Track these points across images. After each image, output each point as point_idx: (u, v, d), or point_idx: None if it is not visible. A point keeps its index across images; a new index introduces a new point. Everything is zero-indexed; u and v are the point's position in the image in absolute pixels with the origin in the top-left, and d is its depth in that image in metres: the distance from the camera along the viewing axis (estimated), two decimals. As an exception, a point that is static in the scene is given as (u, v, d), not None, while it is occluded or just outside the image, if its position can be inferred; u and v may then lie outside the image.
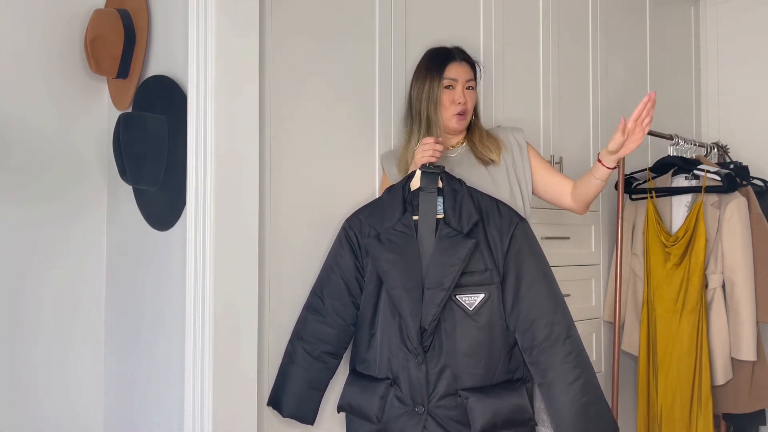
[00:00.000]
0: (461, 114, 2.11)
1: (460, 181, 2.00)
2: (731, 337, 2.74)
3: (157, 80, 2.09)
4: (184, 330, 1.90)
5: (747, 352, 2.70)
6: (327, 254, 2.04)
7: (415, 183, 1.99)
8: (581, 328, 2.85)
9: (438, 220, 1.94)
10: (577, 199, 2.15)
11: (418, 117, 2.12)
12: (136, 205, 2.17)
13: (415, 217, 1.95)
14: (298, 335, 1.99)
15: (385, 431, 1.91)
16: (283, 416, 1.95)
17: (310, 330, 1.98)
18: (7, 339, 2.15)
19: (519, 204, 2.17)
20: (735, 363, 2.75)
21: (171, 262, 2.03)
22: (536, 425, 1.96)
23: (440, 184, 1.97)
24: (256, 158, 1.91)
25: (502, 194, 2.12)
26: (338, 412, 2.02)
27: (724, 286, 2.77)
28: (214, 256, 1.83)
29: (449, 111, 2.11)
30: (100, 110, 2.34)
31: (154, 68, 2.14)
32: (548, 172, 2.21)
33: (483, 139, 2.17)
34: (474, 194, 1.98)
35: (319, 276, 2.03)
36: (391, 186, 2.05)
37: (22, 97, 2.19)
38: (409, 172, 2.07)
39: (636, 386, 3.01)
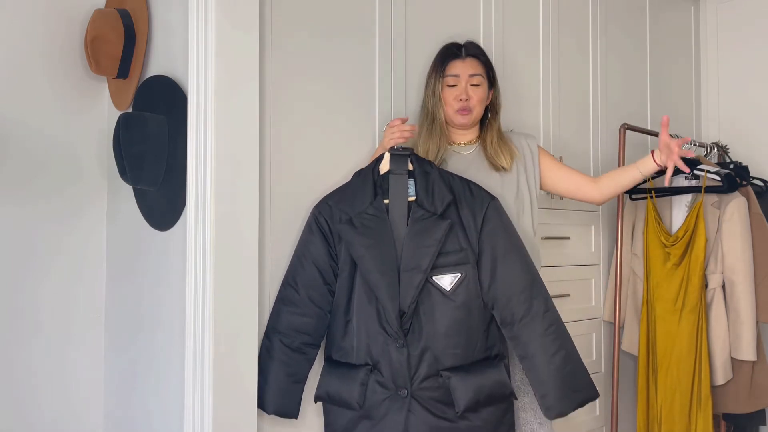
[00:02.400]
0: (464, 110, 2.11)
1: (430, 162, 2.01)
2: (731, 337, 2.74)
3: (157, 80, 2.09)
4: (184, 330, 1.90)
5: (747, 352, 2.70)
6: (297, 242, 2.00)
7: (384, 166, 1.98)
8: (581, 328, 2.87)
9: (410, 202, 1.94)
10: (605, 189, 2.21)
11: (426, 113, 2.17)
12: (136, 205, 2.17)
13: (386, 201, 1.95)
14: (274, 329, 1.95)
15: (367, 417, 1.90)
16: (268, 413, 1.92)
17: (286, 322, 1.94)
18: (7, 339, 2.15)
19: (527, 210, 2.18)
20: (735, 363, 2.75)
21: (171, 262, 2.03)
22: (515, 398, 1.99)
23: (410, 167, 1.96)
24: (256, 158, 1.91)
25: (508, 200, 2.12)
26: (315, 402, 2.00)
27: (724, 286, 2.77)
28: (214, 256, 1.83)
29: (452, 107, 2.12)
30: (100, 110, 2.34)
31: (154, 68, 2.14)
32: (562, 168, 2.25)
33: (496, 143, 2.16)
34: (445, 175, 1.98)
35: (290, 265, 1.98)
36: (360, 170, 2.03)
37: (22, 97, 2.19)
38: (377, 155, 2.07)
39: (636, 386, 3.01)
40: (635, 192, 2.99)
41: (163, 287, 2.07)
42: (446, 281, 1.90)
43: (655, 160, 2.14)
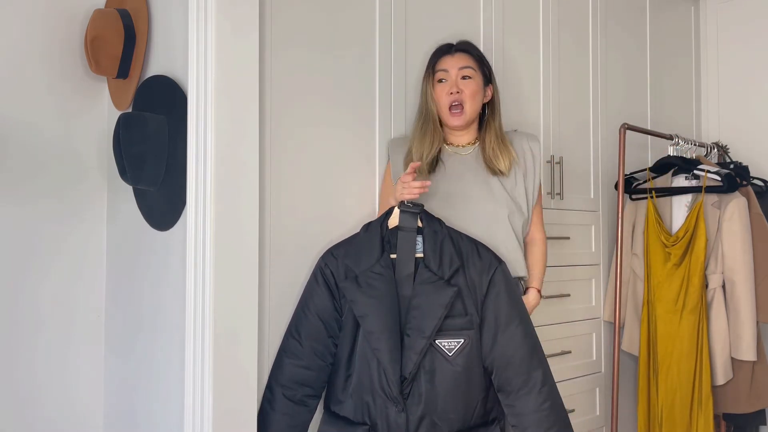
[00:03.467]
0: (456, 105, 2.08)
1: (439, 221, 1.99)
2: (731, 337, 2.74)
3: (157, 80, 2.09)
4: (184, 330, 1.90)
5: (747, 352, 2.70)
6: (302, 292, 2.00)
7: (393, 221, 1.97)
8: (581, 328, 2.87)
9: (417, 259, 1.93)
10: (526, 246, 2.22)
11: (420, 114, 2.16)
12: (136, 205, 2.17)
13: (393, 256, 1.93)
14: (276, 381, 1.94)
15: None
16: None
17: (288, 375, 1.93)
18: (7, 339, 2.15)
19: (524, 214, 2.16)
20: (735, 363, 2.75)
21: (171, 262, 2.03)
22: None
23: (420, 224, 1.95)
24: (256, 158, 1.91)
25: (499, 206, 2.11)
26: None
27: (724, 286, 2.77)
28: (214, 256, 1.83)
29: (444, 105, 2.10)
30: (100, 110, 2.34)
31: (154, 68, 2.14)
32: (537, 213, 2.24)
33: (495, 145, 2.13)
34: (454, 236, 1.97)
35: (294, 315, 1.98)
36: (369, 223, 2.02)
37: (22, 97, 2.19)
38: (383, 205, 2.09)
39: (636, 386, 3.01)
40: (635, 192, 2.99)
41: (163, 287, 2.07)
42: (449, 346, 1.88)
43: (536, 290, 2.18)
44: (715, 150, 3.27)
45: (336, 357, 1.95)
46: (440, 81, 2.11)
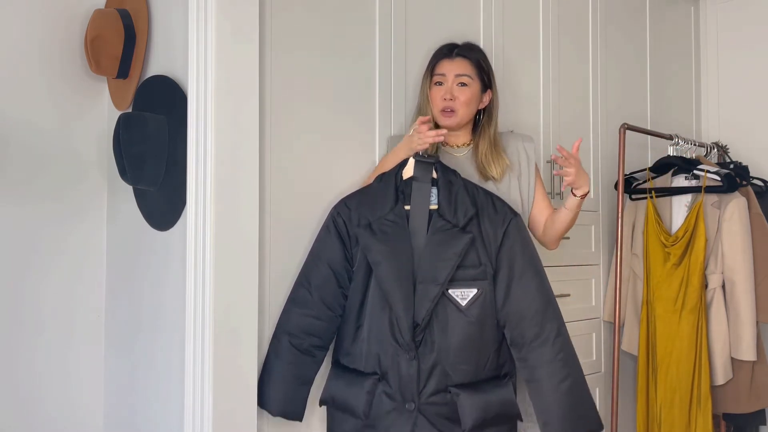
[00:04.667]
0: (448, 110, 2.08)
1: (455, 172, 1.98)
2: (731, 337, 2.74)
3: (157, 80, 2.09)
4: (184, 330, 1.90)
5: (747, 352, 2.70)
6: (314, 241, 1.98)
7: (408, 171, 1.96)
8: (581, 328, 2.86)
9: (431, 211, 1.91)
10: (547, 231, 2.15)
11: (417, 112, 2.17)
12: (136, 205, 2.17)
13: (407, 207, 1.92)
14: (284, 329, 1.92)
15: (371, 427, 1.87)
16: (273, 415, 1.91)
17: (296, 323, 1.92)
18: (7, 339, 2.15)
19: (525, 213, 2.15)
20: (735, 363, 2.75)
21: (171, 262, 2.03)
22: (521, 419, 1.96)
23: (435, 175, 1.94)
24: (256, 158, 1.91)
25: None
26: (320, 405, 1.98)
27: (724, 286, 2.77)
28: (214, 256, 1.83)
29: (438, 107, 2.10)
30: (100, 110, 2.34)
31: (154, 68, 2.14)
32: (540, 198, 2.18)
33: (488, 152, 2.11)
34: (470, 187, 1.96)
35: (305, 265, 1.96)
36: (383, 174, 2.01)
37: (22, 97, 2.19)
38: (389, 159, 2.06)
39: (635, 386, 3.01)
40: (635, 192, 2.99)
41: (163, 287, 2.07)
42: (462, 296, 1.86)
43: (573, 194, 2.05)
44: (715, 150, 3.27)
45: (346, 308, 1.93)
46: (437, 84, 2.12)
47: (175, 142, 1.99)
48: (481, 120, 2.17)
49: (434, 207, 1.92)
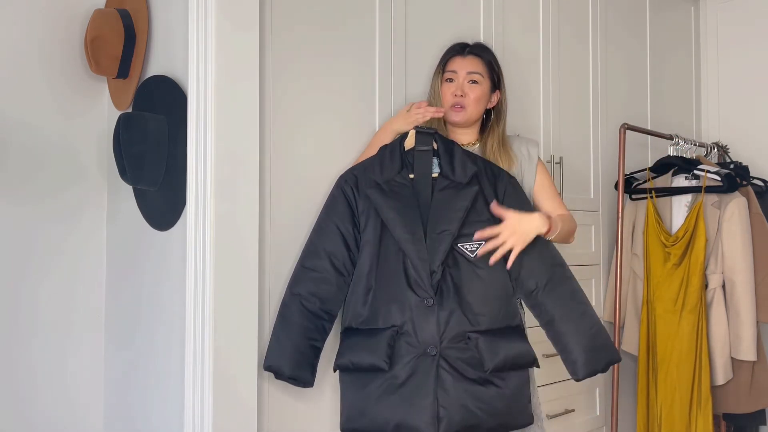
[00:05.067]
0: (458, 106, 2.12)
1: (453, 141, 2.08)
2: (731, 337, 2.74)
3: (157, 80, 2.09)
4: (184, 330, 1.90)
5: (747, 352, 2.70)
6: (319, 211, 2.01)
7: (410, 142, 2.03)
8: (581, 328, 2.86)
9: (434, 179, 2.00)
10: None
11: None
12: (136, 205, 2.17)
13: (411, 176, 2.00)
14: (295, 292, 1.93)
15: (396, 378, 1.87)
16: (284, 377, 1.88)
17: (307, 287, 1.93)
18: (7, 339, 2.15)
19: None
20: (735, 363, 2.75)
21: (171, 262, 2.03)
22: (538, 366, 2.00)
23: (435, 146, 2.03)
24: (256, 158, 1.91)
25: None
26: (335, 371, 1.98)
27: (724, 286, 2.77)
28: (214, 256, 1.83)
29: (448, 103, 2.13)
30: (100, 110, 2.34)
31: (154, 68, 2.14)
32: (543, 194, 2.18)
33: (495, 149, 2.15)
34: (469, 153, 2.06)
35: (314, 230, 1.99)
36: (386, 144, 2.07)
37: (22, 97, 2.19)
38: (377, 139, 2.12)
39: (636, 386, 3.01)
40: (635, 192, 2.99)
41: (163, 287, 2.07)
42: (471, 248, 1.93)
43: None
44: (715, 150, 3.27)
45: (355, 273, 1.97)
46: (448, 80, 2.15)
47: (175, 142, 1.99)
48: (491, 120, 2.21)
49: (436, 175, 2.01)
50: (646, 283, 2.89)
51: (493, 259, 1.92)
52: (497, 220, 1.94)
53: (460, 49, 2.18)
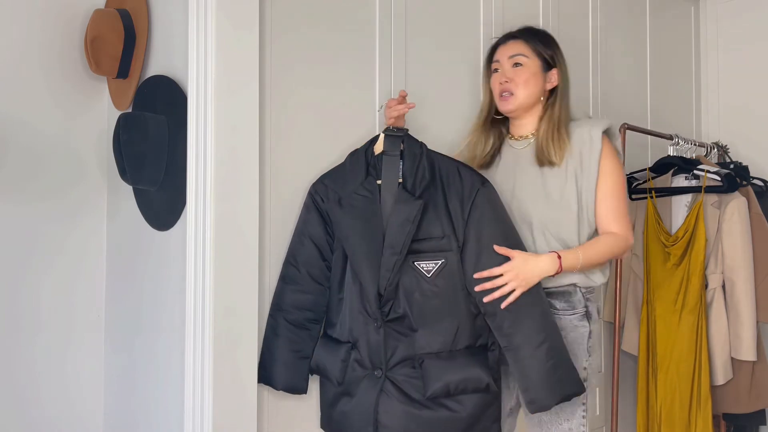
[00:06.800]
0: (506, 94, 2.00)
1: (421, 144, 1.96)
2: (731, 337, 2.74)
3: (157, 80, 2.09)
4: (184, 330, 1.90)
5: (747, 352, 2.70)
6: (296, 221, 2.02)
7: (379, 147, 1.97)
8: (581, 328, 2.86)
9: (399, 183, 1.92)
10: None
11: (480, 108, 2.12)
12: (136, 205, 2.17)
13: (379, 182, 1.94)
14: (278, 307, 1.97)
15: (347, 393, 1.91)
16: (277, 389, 1.95)
17: (288, 300, 1.96)
18: (7, 339, 2.15)
19: (572, 217, 1.94)
20: (735, 363, 2.75)
21: (171, 262, 2.03)
22: (495, 389, 1.88)
23: (402, 147, 1.95)
24: (256, 158, 1.91)
25: (551, 204, 1.95)
26: (310, 374, 2.01)
27: (724, 286, 2.77)
28: (214, 256, 1.83)
29: (496, 93, 2.03)
30: (100, 110, 2.34)
31: (154, 68, 2.14)
32: (600, 202, 1.94)
33: (549, 135, 1.96)
34: (434, 157, 1.94)
35: (291, 244, 2.01)
36: (355, 150, 2.02)
37: (22, 97, 2.19)
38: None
39: (635, 386, 3.00)
40: (635, 192, 2.99)
41: (163, 287, 2.07)
42: (427, 267, 1.86)
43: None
44: (715, 150, 3.27)
45: (330, 281, 1.99)
46: (494, 71, 2.05)
47: (175, 142, 1.99)
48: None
49: (400, 180, 1.92)
50: (646, 283, 2.88)
51: (488, 298, 1.83)
52: (455, 237, 1.86)
53: (502, 39, 2.07)
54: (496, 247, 1.85)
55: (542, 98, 2.03)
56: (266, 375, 1.95)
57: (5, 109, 2.16)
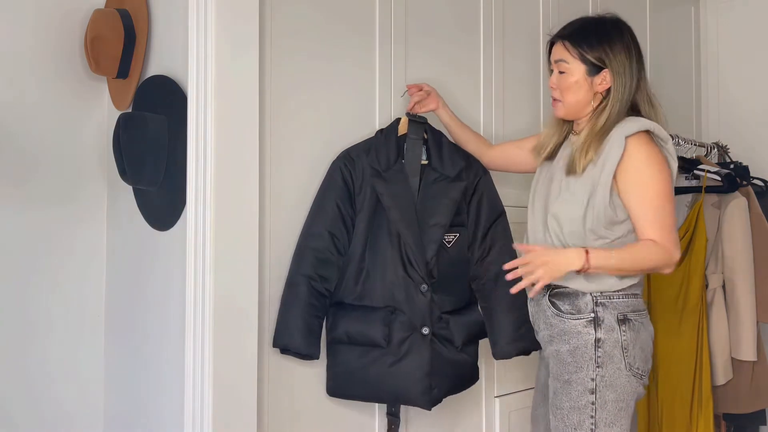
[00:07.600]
0: (555, 101, 1.97)
1: (441, 133, 2.20)
2: (731, 337, 2.74)
3: (157, 80, 2.09)
4: (185, 330, 1.90)
5: (747, 352, 2.70)
6: (317, 193, 2.05)
7: (402, 128, 2.14)
8: (581, 328, 2.86)
9: (422, 166, 2.12)
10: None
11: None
12: (136, 206, 2.17)
13: (403, 161, 2.12)
14: (300, 272, 1.98)
15: (391, 354, 2.01)
16: (301, 355, 1.95)
17: (314, 266, 1.99)
18: (7, 339, 2.15)
19: (588, 226, 1.87)
20: (735, 363, 2.75)
21: (171, 262, 2.03)
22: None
23: (425, 136, 2.14)
24: (256, 158, 1.91)
25: (574, 206, 1.89)
26: (330, 344, 2.05)
27: (724, 287, 2.77)
28: (214, 256, 1.83)
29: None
30: (100, 110, 2.34)
31: (154, 68, 2.14)
32: (629, 205, 1.86)
33: (582, 141, 1.89)
34: (456, 146, 2.21)
35: (313, 211, 2.04)
36: (382, 128, 2.15)
37: (21, 97, 2.19)
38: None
39: (636, 386, 3.00)
40: (635, 192, 2.98)
41: (163, 287, 2.07)
42: (448, 238, 2.11)
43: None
44: (715, 150, 3.26)
45: (349, 252, 2.05)
46: (551, 72, 2.00)
47: (175, 142, 1.99)
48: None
49: (425, 162, 2.13)
50: (646, 283, 2.88)
51: (515, 289, 1.86)
52: (467, 213, 2.15)
53: (554, 37, 1.98)
54: (515, 245, 2.13)
55: (593, 102, 1.92)
56: (288, 340, 1.95)
57: (5, 110, 2.16)
